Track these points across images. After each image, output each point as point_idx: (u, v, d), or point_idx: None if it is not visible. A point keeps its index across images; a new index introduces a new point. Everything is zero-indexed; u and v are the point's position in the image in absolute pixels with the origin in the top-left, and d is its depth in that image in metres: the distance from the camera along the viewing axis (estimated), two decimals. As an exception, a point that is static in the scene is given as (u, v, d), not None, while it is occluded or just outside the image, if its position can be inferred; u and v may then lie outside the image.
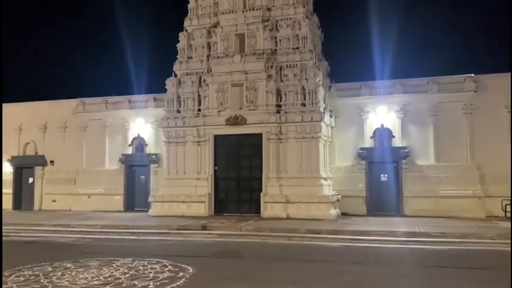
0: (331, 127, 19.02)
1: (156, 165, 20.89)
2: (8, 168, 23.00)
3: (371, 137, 18.70)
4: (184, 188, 18.29)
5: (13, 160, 22.72)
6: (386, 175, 18.49)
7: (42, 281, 8.29)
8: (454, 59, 27.16)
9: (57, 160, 22.40)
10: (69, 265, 9.65)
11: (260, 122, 17.70)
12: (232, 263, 10.19)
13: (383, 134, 18.50)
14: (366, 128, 18.85)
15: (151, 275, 8.74)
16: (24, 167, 22.81)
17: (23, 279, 8.46)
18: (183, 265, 9.52)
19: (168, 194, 18.44)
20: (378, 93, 18.70)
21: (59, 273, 8.87)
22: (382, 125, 18.57)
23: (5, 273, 8.92)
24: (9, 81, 38.20)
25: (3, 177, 23.03)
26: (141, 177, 21.33)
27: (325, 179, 17.69)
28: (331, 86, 19.46)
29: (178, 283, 8.08)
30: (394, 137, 18.51)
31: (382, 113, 18.71)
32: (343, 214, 17.74)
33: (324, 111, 17.76)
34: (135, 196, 21.16)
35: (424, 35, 34.02)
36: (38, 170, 22.54)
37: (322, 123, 17.44)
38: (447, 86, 18.30)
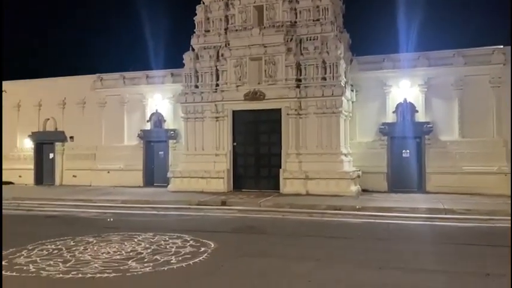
0: (352, 102, 18.55)
1: (175, 141, 20.83)
2: (28, 144, 23.27)
3: (393, 112, 18.20)
4: (203, 164, 18.22)
5: (33, 136, 22.95)
6: (408, 151, 18.06)
7: (65, 254, 8.33)
8: (482, 30, 26.03)
9: (76, 136, 22.54)
10: (91, 239, 9.69)
11: (279, 97, 17.35)
12: (253, 239, 10.10)
13: (406, 108, 17.97)
14: (388, 102, 18.33)
15: (173, 249, 8.71)
16: (45, 142, 23.03)
17: (46, 253, 8.51)
18: (204, 240, 9.46)
19: (187, 169, 18.41)
20: (401, 66, 18.07)
21: (81, 248, 8.90)
22: (405, 100, 18.02)
23: (28, 246, 9.00)
24: (28, 57, 38.45)
25: (26, 153, 23.35)
26: (160, 152, 21.33)
27: (345, 155, 17.37)
28: (353, 59, 18.89)
29: (200, 258, 8.02)
30: (417, 111, 17.97)
31: (405, 87, 18.14)
32: (364, 190, 17.48)
33: (345, 86, 17.29)
34: (154, 171, 21.23)
35: (450, 4, 32.66)
36: (58, 145, 22.74)
37: (343, 98, 17.00)
38: (474, 58, 17.56)
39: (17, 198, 17.28)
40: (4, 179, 23.59)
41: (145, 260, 7.89)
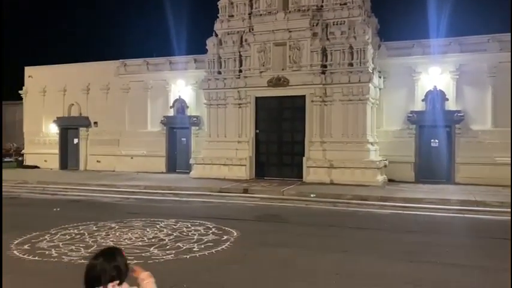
0: (380, 89, 17.97)
1: (197, 127, 20.70)
2: (54, 129, 23.54)
3: (422, 100, 17.54)
4: (225, 151, 18.03)
5: (58, 121, 23.19)
6: (437, 140, 17.42)
7: (87, 240, 8.27)
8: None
9: (100, 121, 22.66)
10: (113, 225, 9.62)
11: (304, 83, 16.92)
12: (277, 228, 9.85)
13: (435, 96, 17.28)
14: (417, 90, 17.67)
15: (195, 237, 8.55)
16: (69, 127, 23.25)
17: (69, 237, 8.47)
18: (226, 228, 9.28)
19: (209, 156, 18.27)
20: (431, 52, 17.32)
21: (104, 233, 8.83)
22: (434, 87, 17.33)
23: (51, 231, 8.99)
24: (56, 43, 38.90)
25: (51, 138, 23.64)
26: (182, 139, 21.26)
27: (371, 143, 16.88)
28: (381, 44, 18.23)
29: (223, 247, 7.82)
30: (447, 99, 17.27)
31: (435, 74, 17.43)
32: (390, 180, 16.97)
33: (372, 72, 16.72)
34: (177, 158, 21.19)
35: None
36: (82, 131, 22.93)
37: (370, 85, 16.45)
38: (510, 44, 16.67)
39: (42, 182, 17.49)
40: (30, 163, 24.08)
41: (168, 247, 7.75)
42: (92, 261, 2.69)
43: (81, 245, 7.81)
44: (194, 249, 7.64)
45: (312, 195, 13.85)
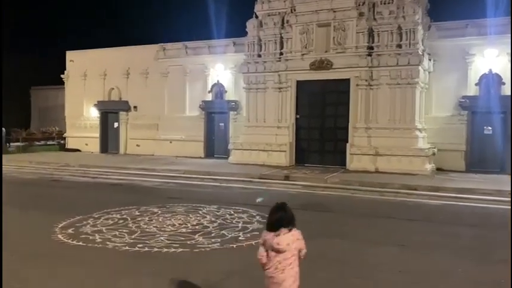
0: (429, 72, 16.93)
1: (235, 112, 20.35)
2: (94, 113, 23.81)
3: (476, 84, 16.40)
4: (265, 136, 17.59)
5: (99, 105, 23.42)
6: (491, 127, 16.29)
7: (130, 225, 8.08)
8: None
9: (140, 106, 22.70)
10: (155, 210, 9.43)
11: (348, 66, 16.15)
12: (323, 218, 9.37)
13: (491, 80, 16.10)
14: (470, 73, 16.53)
15: (239, 225, 8.21)
16: (110, 111, 23.45)
17: (112, 222, 8.32)
18: (271, 216, 8.87)
19: (247, 141, 17.89)
20: (487, 33, 16.06)
21: (146, 218, 8.63)
22: (490, 71, 16.15)
23: (94, 215, 8.88)
24: (96, 28, 39.38)
25: (92, 121, 23.95)
26: (220, 124, 20.98)
27: (420, 130, 15.98)
28: (431, 25, 17.13)
29: (269, 236, 7.43)
30: (504, 84, 16.05)
31: (491, 56, 16.22)
32: (438, 169, 16.07)
33: (422, 54, 15.73)
34: (215, 143, 20.97)
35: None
36: (122, 115, 23.07)
37: (420, 68, 15.50)
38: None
39: (83, 165, 17.68)
40: (71, 146, 24.53)
41: (213, 234, 7.44)
42: (278, 208, 3.68)
43: (124, 231, 7.62)
44: (240, 238, 7.29)
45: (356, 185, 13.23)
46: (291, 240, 3.61)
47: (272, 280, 3.59)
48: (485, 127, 16.41)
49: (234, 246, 6.81)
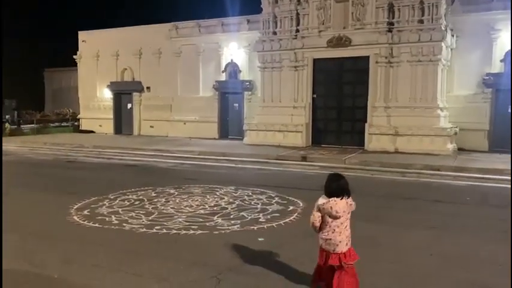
0: (452, 49, 16.27)
1: (250, 92, 19.95)
2: (107, 94, 23.63)
3: (501, 61, 15.70)
4: (280, 117, 17.22)
5: (112, 86, 23.21)
6: (516, 107, 15.67)
7: (146, 206, 7.87)
8: None
9: (153, 86, 22.43)
10: (172, 191, 9.22)
11: (367, 42, 15.57)
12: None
13: (517, 56, 15.40)
14: (495, 49, 15.82)
15: (258, 206, 7.94)
16: (123, 92, 23.23)
17: (128, 203, 8.12)
18: (290, 198, 8.60)
19: (263, 122, 17.54)
20: (514, 6, 15.33)
21: (163, 199, 8.42)
22: (516, 46, 15.44)
23: (110, 196, 8.69)
24: (107, 8, 38.96)
25: (105, 103, 23.79)
26: (235, 104, 20.62)
27: (441, 109, 15.44)
28: (454, -1, 16.42)
29: (291, 218, 7.16)
30: (531, 60, 15.36)
31: (517, 31, 15.48)
32: (460, 149, 15.57)
33: (445, 30, 15.08)
34: (229, 124, 20.67)
35: None
36: (135, 96, 22.84)
37: (442, 44, 14.87)
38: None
39: (97, 146, 17.57)
40: (85, 128, 24.48)
41: (232, 216, 7.18)
42: (335, 178, 4.27)
43: (141, 212, 7.41)
44: (260, 219, 7.02)
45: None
46: (346, 207, 4.08)
47: (329, 241, 4.04)
48: (510, 106, 15.77)
49: (255, 228, 6.54)
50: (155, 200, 8.33)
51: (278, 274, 4.79)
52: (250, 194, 9.00)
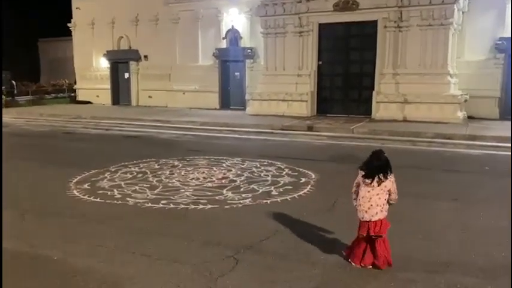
0: (463, 12, 15.54)
1: (252, 60, 19.23)
2: (104, 63, 22.87)
3: (515, 24, 15.03)
4: (284, 86, 16.61)
5: (108, 55, 22.41)
6: (528, 72, 15.08)
7: (150, 179, 7.44)
8: None
9: (150, 55, 21.65)
10: (176, 163, 8.79)
11: (376, 6, 14.81)
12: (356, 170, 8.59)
13: (532, 19, 14.69)
14: (510, 12, 15.10)
15: (268, 178, 7.52)
16: (120, 61, 22.44)
17: (130, 176, 7.69)
18: (301, 169, 8.18)
19: (266, 91, 16.95)
20: (531, -35, 14.53)
21: (167, 172, 7.99)
22: (532, 8, 14.71)
23: (110, 168, 8.26)
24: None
25: (102, 72, 23.07)
26: (236, 73, 19.94)
27: (451, 75, 14.86)
28: (467, -42, 15.54)
29: (304, 191, 6.75)
30: (547, 23, 14.67)
31: (533, -8, 14.73)
32: (469, 117, 15.07)
33: (458, -9, 14.34)
34: (230, 93, 20.06)
35: None
36: (132, 65, 22.08)
37: (455, 7, 14.15)
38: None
39: (95, 117, 17.04)
40: (82, 98, 23.84)
41: (242, 189, 6.77)
42: (375, 156, 4.20)
43: (145, 185, 6.99)
44: (273, 192, 6.62)
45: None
46: (384, 183, 4.11)
47: (360, 208, 4.13)
48: (522, 72, 15.20)
49: (268, 202, 6.14)
50: (159, 173, 7.91)
51: (298, 253, 4.40)
52: (258, 165, 8.57)
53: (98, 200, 6.27)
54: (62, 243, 4.66)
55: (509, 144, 10.78)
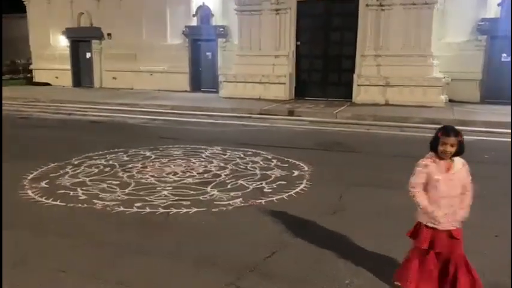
0: (445, -8, 15.01)
1: (224, 39, 18.11)
2: (63, 42, 21.10)
3: (498, 5, 14.59)
4: (261, 67, 15.67)
5: (67, 32, 20.65)
6: (509, 55, 14.78)
7: (120, 174, 6.42)
8: None
9: (114, 33, 20.08)
10: (147, 153, 7.77)
11: (358, -17, 14.06)
12: (350, 159, 7.88)
13: (516, -1, 14.31)
14: (491, -8, 14.68)
15: (257, 172, 6.65)
16: (80, 40, 20.76)
17: (97, 170, 6.63)
18: (290, 160, 7.36)
19: (241, 73, 15.96)
20: None
21: (139, 165, 6.97)
22: (515, -12, 14.31)
23: (73, 161, 7.15)
24: None
25: (61, 52, 21.28)
26: (207, 53, 18.79)
27: (433, 57, 14.35)
28: None
29: (301, 187, 5.92)
30: (531, 3, 14.32)
31: (517, -29, 14.31)
32: (450, 101, 14.68)
33: (443, -32, 13.74)
34: (202, 75, 18.91)
35: None
36: (95, 44, 20.46)
37: (439, -15, 13.58)
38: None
39: (55, 100, 15.58)
40: (40, 80, 22.02)
41: (229, 186, 5.87)
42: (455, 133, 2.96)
43: (114, 183, 5.97)
44: (265, 190, 5.75)
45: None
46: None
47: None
48: (503, 54, 14.88)
49: (263, 202, 5.27)
50: (129, 166, 6.88)
51: (317, 275, 3.55)
52: (242, 156, 7.68)
53: (58, 203, 5.21)
54: (7, 268, 3.61)
55: (501, 130, 10.38)
